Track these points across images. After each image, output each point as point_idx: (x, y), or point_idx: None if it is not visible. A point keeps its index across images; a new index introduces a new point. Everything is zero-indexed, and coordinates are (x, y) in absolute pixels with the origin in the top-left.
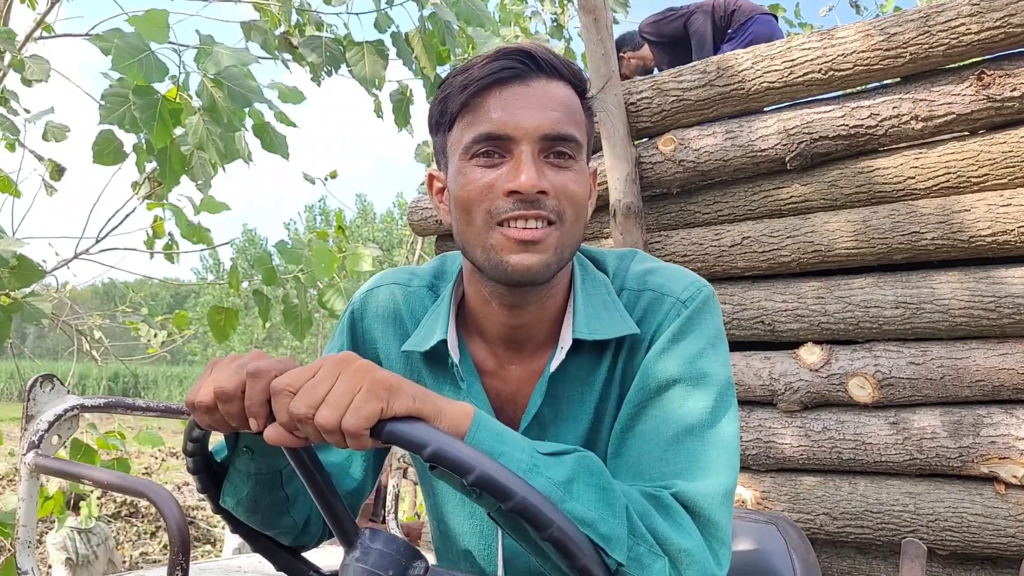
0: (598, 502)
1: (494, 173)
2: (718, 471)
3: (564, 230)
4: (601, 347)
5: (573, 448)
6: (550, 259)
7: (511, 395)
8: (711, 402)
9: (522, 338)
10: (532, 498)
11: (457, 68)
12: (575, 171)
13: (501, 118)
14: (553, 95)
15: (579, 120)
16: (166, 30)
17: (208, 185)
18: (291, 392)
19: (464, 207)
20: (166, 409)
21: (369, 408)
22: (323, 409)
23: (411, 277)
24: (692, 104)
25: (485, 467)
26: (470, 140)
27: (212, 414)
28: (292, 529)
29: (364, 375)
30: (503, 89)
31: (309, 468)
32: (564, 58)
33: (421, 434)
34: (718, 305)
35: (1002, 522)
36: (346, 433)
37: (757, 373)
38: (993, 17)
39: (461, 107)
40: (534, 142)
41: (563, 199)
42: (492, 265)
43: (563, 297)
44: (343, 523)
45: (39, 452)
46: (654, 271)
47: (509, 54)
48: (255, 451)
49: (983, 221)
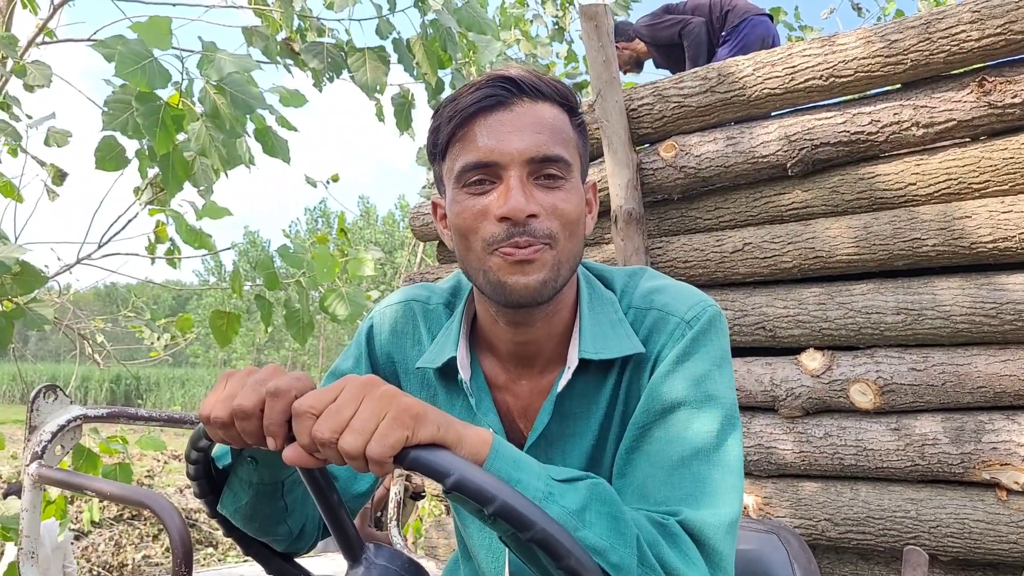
0: (610, 531)
1: (486, 199)
2: (724, 498)
3: (559, 248)
4: (607, 365)
5: (585, 475)
6: (547, 277)
7: (522, 409)
8: (717, 425)
9: (530, 355)
10: (550, 529)
11: (447, 97)
12: (565, 190)
13: (487, 145)
14: (538, 117)
15: (567, 139)
16: (169, 36)
17: (210, 191)
18: (314, 415)
19: (462, 234)
20: (169, 418)
21: (395, 436)
22: (347, 435)
23: (430, 295)
24: (693, 110)
25: (506, 497)
26: (460, 169)
27: (227, 430)
28: (287, 536)
29: (390, 401)
30: (488, 116)
31: (321, 486)
32: (550, 78)
33: (444, 463)
34: (724, 324)
35: (1004, 528)
36: (370, 459)
37: (758, 379)
38: (994, 24)
39: (450, 137)
40: (521, 166)
41: (554, 220)
42: (493, 288)
43: (570, 315)
44: (350, 538)
45: (42, 463)
46: (660, 290)
47: (492, 81)
48: (259, 461)
49: (984, 227)
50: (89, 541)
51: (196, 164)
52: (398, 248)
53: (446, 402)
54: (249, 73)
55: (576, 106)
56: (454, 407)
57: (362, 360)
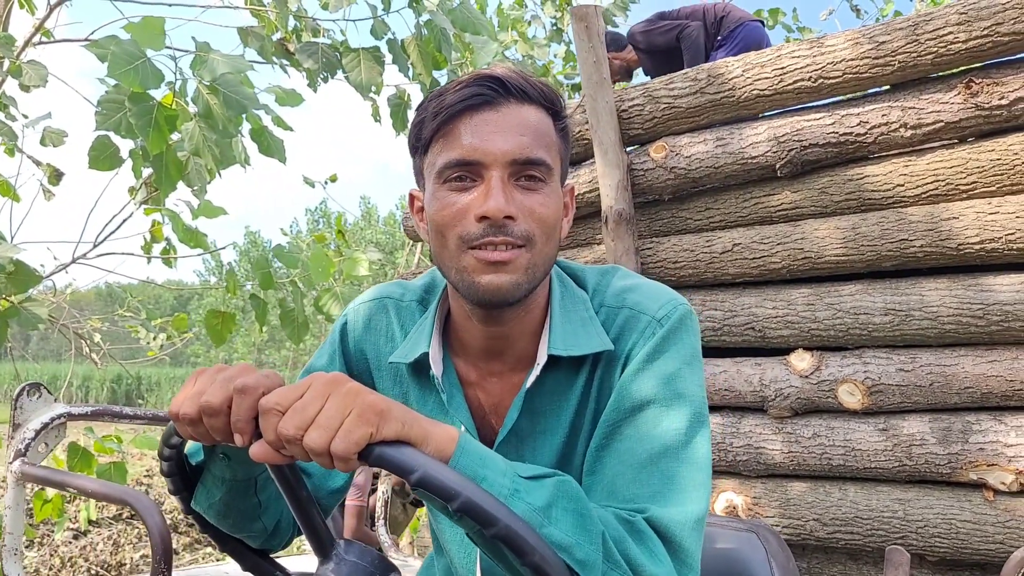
0: (575, 527)
1: (466, 197)
2: (691, 496)
3: (534, 251)
4: (578, 363)
5: (552, 472)
6: (520, 279)
7: (493, 406)
8: (685, 423)
9: (502, 351)
10: (514, 525)
11: (432, 92)
12: (544, 194)
13: (471, 144)
14: (523, 120)
15: (550, 143)
16: (162, 37)
17: (204, 191)
18: (279, 411)
19: (439, 230)
20: (153, 417)
21: (359, 432)
22: (312, 431)
23: (403, 292)
24: (683, 111)
25: (469, 494)
26: (442, 165)
27: (196, 427)
28: (262, 533)
29: (354, 398)
30: (474, 115)
31: (290, 482)
32: (538, 81)
33: (408, 460)
34: (695, 323)
35: (991, 528)
36: (334, 456)
37: (748, 379)
38: (981, 26)
39: (434, 133)
40: (503, 167)
41: (532, 222)
42: (465, 286)
43: (541, 313)
44: (319, 534)
45: (25, 460)
46: (632, 288)
47: (480, 80)
48: (232, 458)
49: (971, 229)
50: (87, 540)
51: (190, 164)
52: (399, 248)
53: (418, 398)
54: (243, 73)
55: (561, 110)
56: (426, 403)
57: (336, 357)
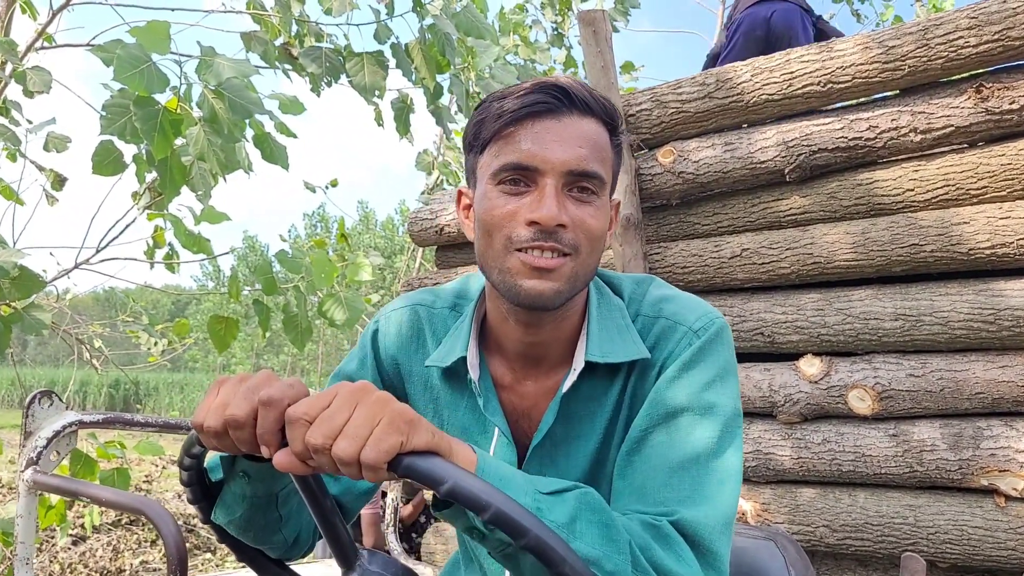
0: (602, 539)
1: (518, 201)
2: (719, 501)
3: (579, 261)
4: (613, 370)
5: (573, 484)
6: (562, 287)
7: (527, 410)
8: (717, 433)
9: (538, 355)
10: (544, 536)
11: (495, 93)
12: (595, 206)
13: (530, 150)
14: (583, 132)
15: (606, 157)
16: (167, 41)
17: (208, 196)
18: (307, 422)
19: (487, 229)
20: (164, 424)
21: (389, 441)
22: (341, 440)
23: (435, 299)
24: (691, 116)
25: (500, 504)
26: (499, 167)
27: (221, 439)
28: (282, 544)
29: (383, 407)
30: (535, 122)
31: (315, 493)
32: (600, 95)
33: (439, 470)
34: (730, 337)
35: (1002, 535)
36: (364, 465)
37: (757, 385)
38: (991, 30)
39: (494, 134)
40: (559, 176)
41: (580, 233)
42: (507, 287)
43: (578, 319)
44: (343, 545)
45: (37, 469)
46: (669, 299)
47: (545, 88)
48: (252, 476)
49: (982, 233)
50: (87, 546)
51: (194, 169)
52: (398, 253)
53: (449, 403)
54: (247, 78)
55: (619, 126)
56: (458, 408)
57: (367, 363)
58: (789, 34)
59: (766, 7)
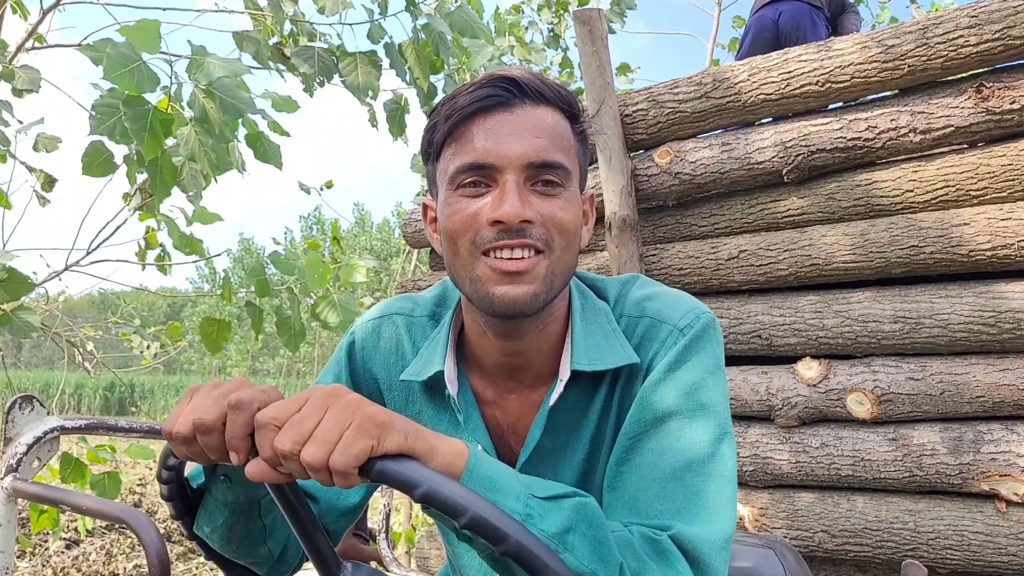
0: (592, 556)
1: (479, 203)
2: (719, 513)
3: (553, 259)
4: (598, 377)
5: (573, 491)
6: (538, 289)
7: (511, 425)
8: (710, 435)
9: (520, 368)
10: (526, 542)
11: (446, 96)
12: (563, 198)
13: (485, 147)
14: (539, 122)
15: (567, 146)
16: (157, 40)
17: (199, 196)
18: (276, 426)
19: (451, 237)
20: (149, 430)
21: (359, 446)
22: (310, 445)
23: (413, 307)
24: (688, 116)
25: (477, 509)
26: (455, 170)
27: (190, 445)
28: (268, 559)
29: (354, 410)
30: (487, 117)
31: (291, 503)
32: (554, 83)
33: (411, 474)
34: (719, 332)
35: (1003, 540)
36: (333, 471)
37: (754, 388)
38: (992, 29)
39: (446, 136)
40: (518, 170)
41: (551, 227)
42: (479, 297)
43: (561, 327)
44: (325, 557)
45: (17, 476)
46: (652, 297)
47: (494, 81)
48: (233, 480)
49: (982, 235)
50: (80, 550)
51: (185, 169)
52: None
53: (432, 417)
54: (239, 77)
55: (578, 113)
56: (440, 423)
57: (342, 377)
58: (797, 33)
59: (773, 9)
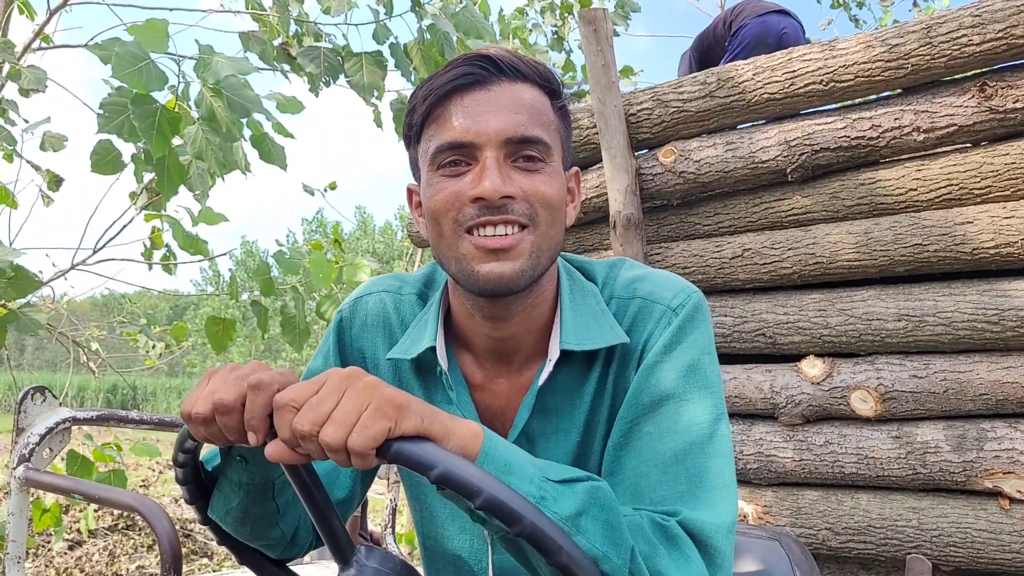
0: (604, 539)
1: (460, 182)
2: (722, 495)
3: (538, 234)
4: (590, 357)
5: (587, 475)
6: (524, 266)
7: (500, 409)
8: (708, 415)
9: (509, 351)
10: (540, 523)
11: (424, 80)
12: (545, 173)
13: (463, 125)
14: (517, 98)
15: (547, 121)
16: (165, 39)
17: (206, 196)
18: (295, 407)
19: (434, 218)
20: (160, 421)
21: (377, 427)
22: (328, 427)
23: (401, 284)
24: (692, 115)
25: (493, 491)
26: (435, 150)
27: (209, 426)
28: (280, 541)
29: (372, 392)
30: (464, 96)
31: (307, 484)
32: (531, 59)
33: (428, 455)
34: (707, 310)
35: (1007, 537)
36: (351, 452)
37: (758, 386)
38: (995, 28)
39: (424, 118)
40: (498, 147)
41: (535, 202)
42: (465, 276)
43: (550, 308)
44: (339, 540)
45: (29, 466)
46: (643, 278)
47: (470, 60)
48: (248, 460)
49: (986, 233)
50: (83, 551)
51: (192, 168)
52: (396, 258)
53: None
54: (245, 77)
55: (558, 89)
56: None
57: (330, 356)
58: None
59: (777, 19)
